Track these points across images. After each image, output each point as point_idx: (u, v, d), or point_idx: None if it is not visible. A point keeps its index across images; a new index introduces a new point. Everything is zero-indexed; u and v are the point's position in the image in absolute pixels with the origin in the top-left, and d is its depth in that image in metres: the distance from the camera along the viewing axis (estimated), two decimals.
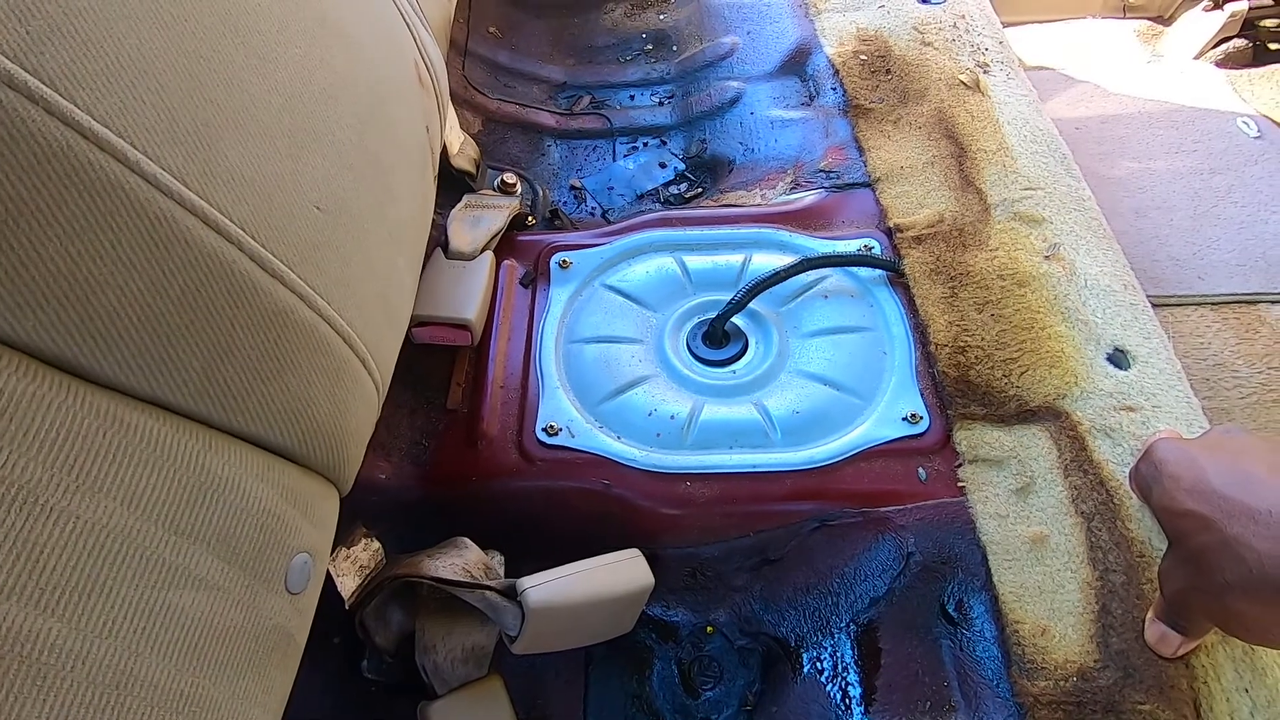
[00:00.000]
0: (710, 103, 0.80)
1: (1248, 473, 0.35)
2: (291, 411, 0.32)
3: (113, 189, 0.24)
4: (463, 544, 0.46)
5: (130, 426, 0.26)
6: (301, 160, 0.34)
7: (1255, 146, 0.94)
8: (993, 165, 0.64)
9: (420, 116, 0.50)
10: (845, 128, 0.71)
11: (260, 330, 0.30)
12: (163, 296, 0.27)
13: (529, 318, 0.60)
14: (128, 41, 0.26)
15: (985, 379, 0.52)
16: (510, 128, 0.81)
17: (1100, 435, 0.49)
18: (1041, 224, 0.59)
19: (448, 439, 0.54)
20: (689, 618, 0.50)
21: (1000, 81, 0.72)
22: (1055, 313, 0.54)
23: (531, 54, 0.90)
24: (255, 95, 0.32)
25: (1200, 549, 0.35)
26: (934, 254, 0.59)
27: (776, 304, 0.60)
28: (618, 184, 0.77)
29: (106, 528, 0.24)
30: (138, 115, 0.26)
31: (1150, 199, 0.90)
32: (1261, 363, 0.75)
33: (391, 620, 0.45)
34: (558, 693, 0.48)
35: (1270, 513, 0.33)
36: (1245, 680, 0.40)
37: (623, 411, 0.54)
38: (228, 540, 0.28)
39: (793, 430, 0.52)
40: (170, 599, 0.26)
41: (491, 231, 0.62)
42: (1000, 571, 0.46)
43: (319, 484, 0.35)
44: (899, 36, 0.76)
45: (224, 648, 0.28)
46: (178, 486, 0.27)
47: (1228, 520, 0.34)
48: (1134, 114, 1.00)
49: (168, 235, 0.26)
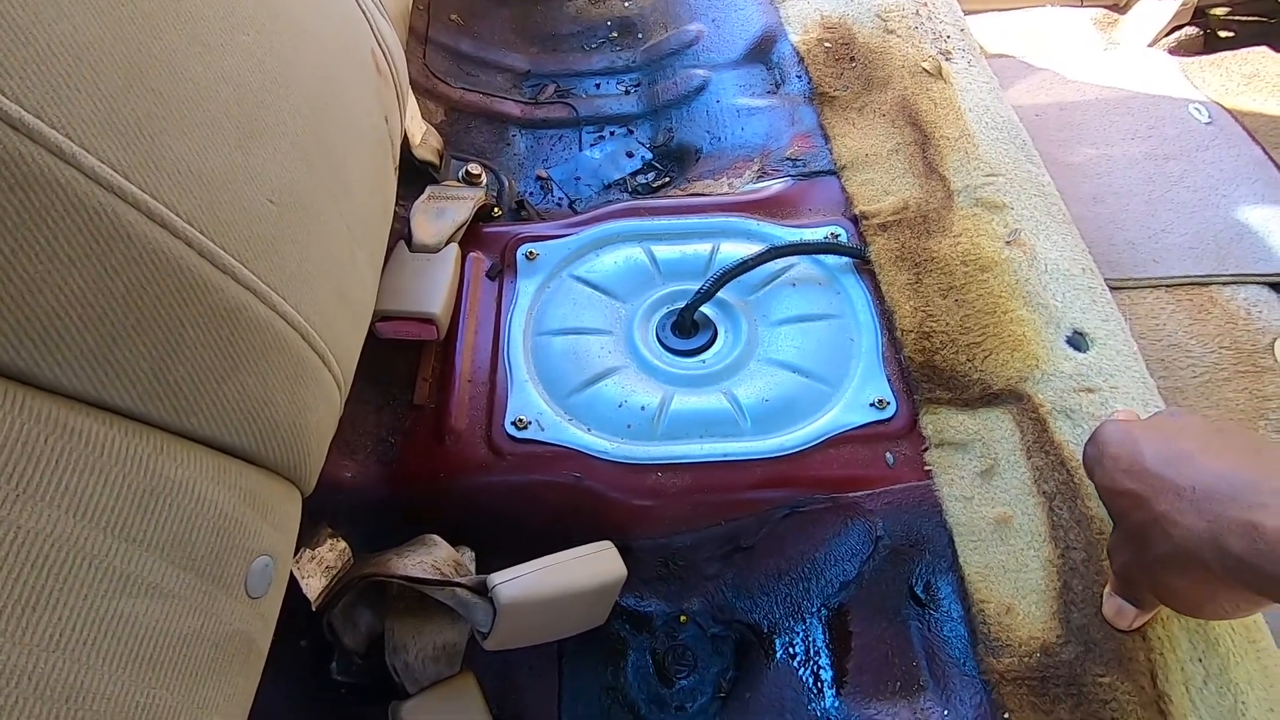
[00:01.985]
0: (676, 91, 0.79)
1: (1180, 451, 0.36)
2: (247, 411, 0.31)
3: (47, 183, 0.23)
4: (432, 541, 0.46)
5: (75, 431, 0.25)
6: (252, 152, 0.33)
7: (1206, 132, 0.97)
8: (955, 152, 0.64)
9: (378, 106, 0.49)
10: (811, 115, 0.72)
11: (211, 328, 0.29)
12: (106, 295, 0.26)
13: (496, 310, 0.59)
14: (59, 28, 0.25)
15: (950, 363, 0.53)
16: (474, 117, 0.80)
17: (1061, 416, 0.50)
18: (1003, 210, 0.60)
19: (415, 435, 0.53)
20: (662, 608, 0.50)
21: (962, 69, 0.72)
22: (1016, 297, 0.55)
23: (495, 42, 0.88)
24: (201, 85, 0.31)
25: (1135, 526, 0.37)
26: (899, 240, 0.60)
27: (745, 293, 0.60)
28: (585, 174, 0.76)
29: (51, 537, 0.23)
30: (73, 106, 0.25)
31: (1107, 184, 0.92)
32: (1214, 342, 0.78)
33: (360, 621, 0.45)
34: (532, 687, 0.48)
35: (1194, 489, 0.34)
36: (1199, 650, 0.41)
37: (593, 403, 0.54)
38: (182, 545, 0.27)
39: (762, 418, 0.53)
40: (122, 608, 0.25)
41: (456, 223, 0.61)
42: (966, 552, 0.47)
43: (279, 484, 0.34)
44: (862, 24, 0.77)
45: (181, 655, 0.27)
46: (127, 492, 0.26)
47: (1157, 497, 0.35)
48: (1091, 101, 1.02)
49: (109, 231, 0.25)
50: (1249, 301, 0.81)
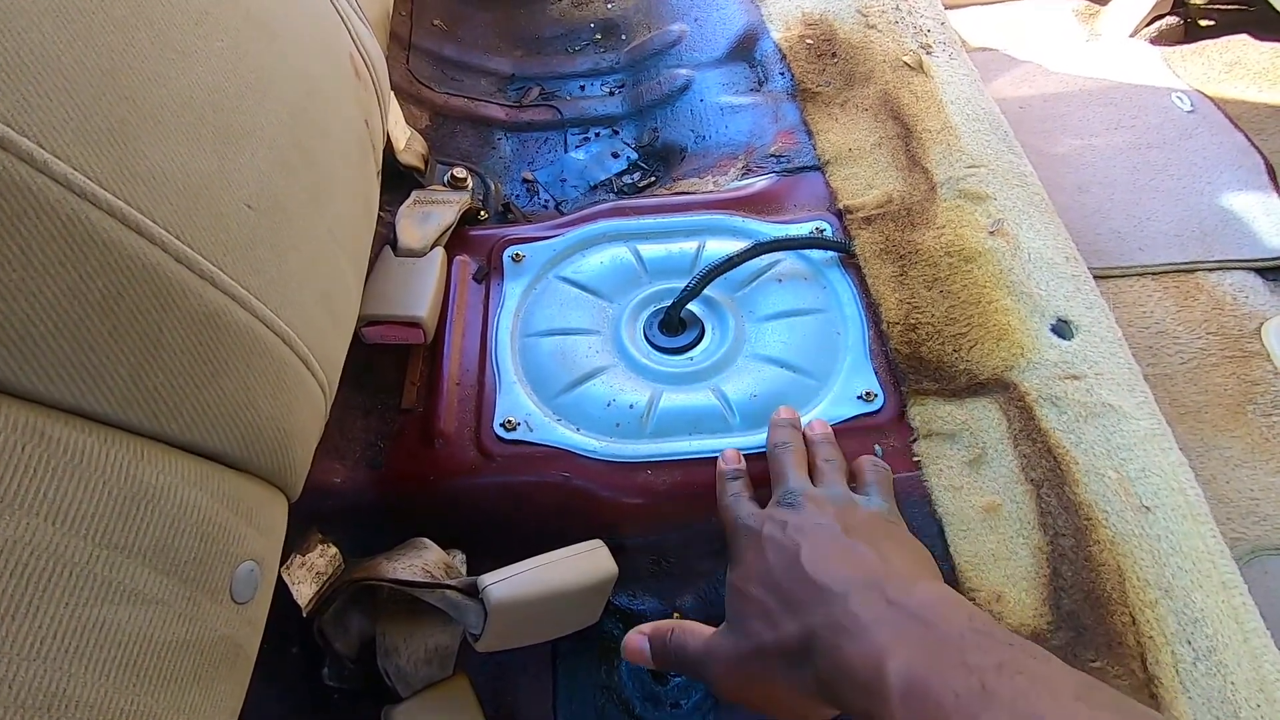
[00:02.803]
0: (660, 91, 0.80)
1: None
2: (229, 417, 0.31)
3: (18, 190, 0.23)
4: (422, 544, 0.46)
5: (53, 439, 0.25)
6: (229, 157, 0.33)
7: (1189, 120, 0.98)
8: (938, 145, 0.65)
9: (359, 110, 0.49)
10: (794, 112, 0.72)
11: (191, 334, 0.29)
12: (82, 302, 0.26)
13: (483, 313, 0.59)
14: (29, 37, 0.25)
15: (936, 354, 0.53)
16: (459, 121, 0.80)
17: (1047, 404, 0.50)
18: (986, 201, 0.60)
19: (404, 439, 0.53)
20: (655, 605, 0.50)
21: (943, 62, 0.73)
22: (1001, 287, 0.55)
23: (478, 46, 0.88)
24: (176, 91, 0.31)
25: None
26: (883, 234, 0.60)
27: (731, 289, 0.60)
28: (570, 175, 0.76)
29: (30, 545, 0.23)
30: (44, 113, 0.25)
31: (1092, 174, 0.92)
32: (1200, 328, 0.78)
33: (351, 625, 0.45)
34: (526, 688, 0.48)
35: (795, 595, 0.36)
36: (1187, 633, 0.41)
37: (581, 403, 0.54)
38: (165, 551, 0.27)
39: (751, 414, 0.53)
40: (104, 615, 0.25)
41: (442, 227, 0.61)
42: (956, 541, 0.47)
43: (264, 489, 0.34)
44: (843, 20, 0.77)
45: (166, 662, 0.27)
46: (107, 499, 0.26)
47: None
48: (1074, 92, 1.03)
49: (83, 238, 0.25)
50: (1235, 287, 0.81)
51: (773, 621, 0.35)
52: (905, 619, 0.31)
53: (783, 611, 0.35)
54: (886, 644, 0.30)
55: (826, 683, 0.32)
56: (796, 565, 0.36)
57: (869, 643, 0.30)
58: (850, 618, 0.32)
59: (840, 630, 0.32)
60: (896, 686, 0.28)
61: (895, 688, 0.28)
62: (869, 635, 0.31)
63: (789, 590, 0.35)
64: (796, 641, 0.33)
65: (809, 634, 0.33)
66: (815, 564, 0.36)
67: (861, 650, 0.30)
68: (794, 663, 0.34)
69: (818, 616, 0.33)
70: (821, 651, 0.32)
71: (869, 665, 0.30)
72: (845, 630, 0.32)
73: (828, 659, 0.32)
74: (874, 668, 0.30)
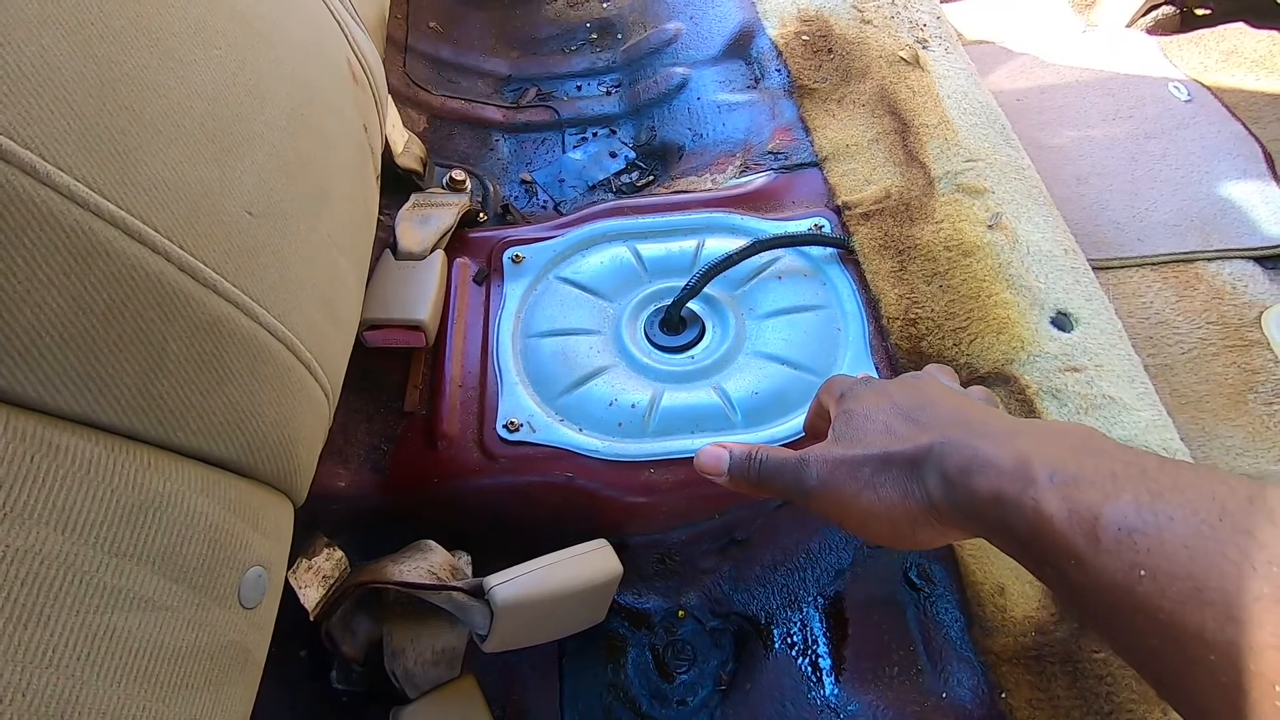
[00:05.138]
0: (657, 90, 0.80)
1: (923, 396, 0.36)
2: (234, 423, 0.31)
3: (21, 202, 0.23)
4: (428, 547, 0.46)
5: (60, 449, 0.25)
6: (228, 165, 0.33)
7: (1186, 110, 0.97)
8: (935, 139, 0.65)
9: (356, 115, 0.49)
10: (791, 109, 0.72)
11: (195, 342, 0.29)
12: (87, 312, 0.26)
13: (484, 315, 0.59)
14: (28, 49, 0.25)
15: (936, 349, 0.53)
16: (457, 124, 0.80)
17: (1048, 396, 0.50)
18: (984, 194, 0.61)
19: (407, 442, 0.53)
20: (660, 603, 0.51)
21: (939, 56, 0.73)
22: (1000, 280, 0.55)
23: (474, 48, 0.89)
24: (174, 100, 0.31)
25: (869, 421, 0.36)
26: (882, 229, 0.60)
27: (731, 287, 0.60)
28: (569, 176, 0.76)
29: (40, 554, 0.23)
30: (45, 125, 0.25)
31: (1090, 165, 0.92)
32: (1200, 318, 0.78)
33: (358, 629, 0.45)
34: (533, 687, 0.48)
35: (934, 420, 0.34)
36: None
37: (583, 403, 0.54)
38: (173, 558, 0.28)
39: (753, 411, 0.53)
40: (114, 622, 0.25)
41: (441, 230, 0.61)
42: None
43: (270, 495, 0.34)
44: (839, 15, 0.77)
45: (176, 668, 0.27)
46: (116, 507, 0.26)
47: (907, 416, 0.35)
48: (1071, 83, 1.03)
49: (86, 248, 0.25)
50: (1234, 276, 0.81)
51: (897, 435, 0.33)
52: (1047, 431, 0.30)
53: (910, 425, 0.33)
54: (1030, 447, 0.28)
55: (953, 482, 0.30)
56: (925, 395, 0.35)
57: (1010, 444, 0.29)
58: (987, 428, 0.31)
59: (977, 435, 0.30)
60: (1043, 470, 0.27)
61: (1041, 470, 0.27)
62: (1010, 439, 0.29)
63: (918, 411, 0.34)
64: (922, 451, 0.32)
65: (939, 442, 0.31)
66: (945, 396, 0.35)
67: (1002, 447, 0.29)
68: (911, 473, 0.32)
69: (954, 429, 0.32)
70: (953, 452, 0.30)
71: (1010, 455, 0.28)
72: (984, 435, 0.30)
73: (962, 454, 0.30)
74: (1016, 457, 0.28)
